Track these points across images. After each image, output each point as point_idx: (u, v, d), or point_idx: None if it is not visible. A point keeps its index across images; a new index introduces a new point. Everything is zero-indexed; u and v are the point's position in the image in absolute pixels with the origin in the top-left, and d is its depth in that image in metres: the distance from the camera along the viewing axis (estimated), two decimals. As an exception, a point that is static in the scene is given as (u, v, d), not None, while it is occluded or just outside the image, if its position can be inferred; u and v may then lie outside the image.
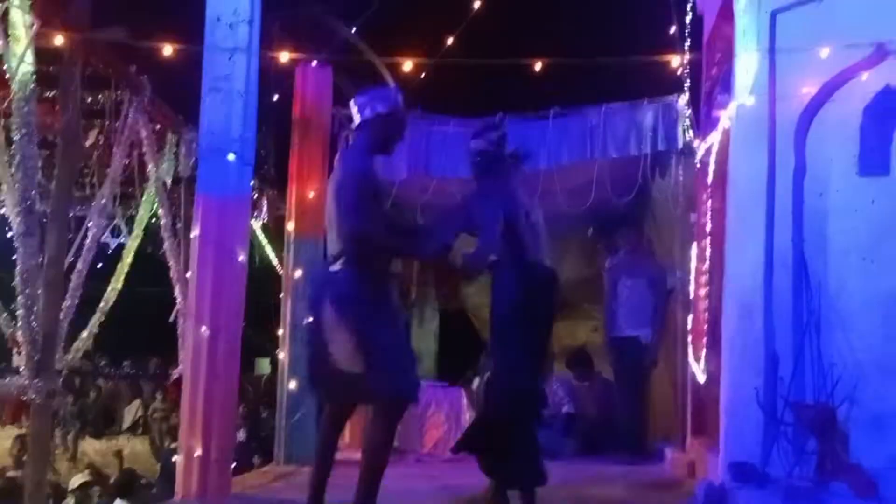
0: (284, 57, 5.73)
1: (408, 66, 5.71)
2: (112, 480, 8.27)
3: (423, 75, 6.51)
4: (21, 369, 5.30)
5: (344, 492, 3.79)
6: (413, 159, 7.04)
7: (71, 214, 6.04)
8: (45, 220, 5.61)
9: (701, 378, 5.55)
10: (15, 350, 8.72)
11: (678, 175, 6.48)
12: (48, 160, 6.65)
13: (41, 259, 5.34)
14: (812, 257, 4.20)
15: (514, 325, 4.19)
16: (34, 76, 5.18)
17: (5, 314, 5.83)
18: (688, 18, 5.97)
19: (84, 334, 6.72)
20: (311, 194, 6.43)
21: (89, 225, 6.51)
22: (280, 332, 6.46)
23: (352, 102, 3.96)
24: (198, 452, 4.51)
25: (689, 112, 6.43)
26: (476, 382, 7.29)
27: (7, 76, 5.18)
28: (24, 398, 5.64)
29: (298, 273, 6.37)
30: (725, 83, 5.05)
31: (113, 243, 9.59)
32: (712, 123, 5.41)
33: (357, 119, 3.93)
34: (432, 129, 7.08)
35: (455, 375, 8.60)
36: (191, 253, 4.98)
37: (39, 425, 5.50)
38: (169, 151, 7.23)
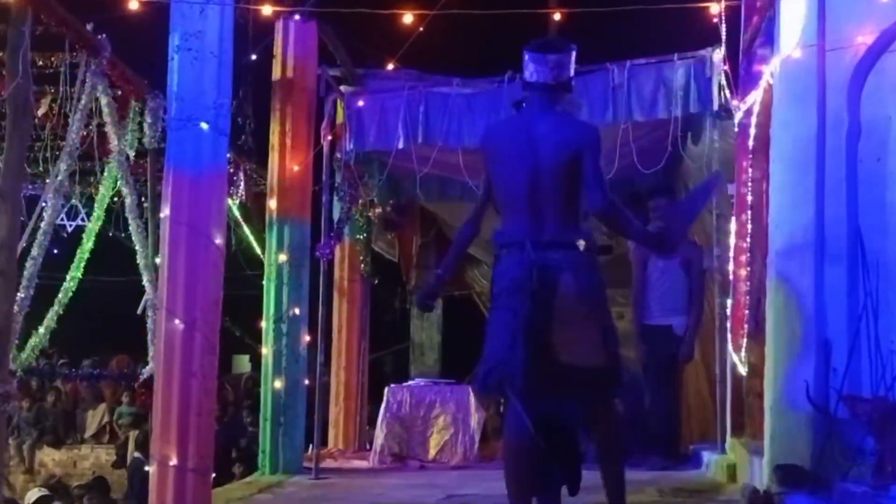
0: (265, 10, 5.71)
1: (407, 17, 5.68)
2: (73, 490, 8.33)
3: (421, 28, 6.49)
4: (-30, 370, 5.31)
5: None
6: (409, 127, 7.01)
7: (23, 194, 6.03)
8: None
9: (742, 370, 5.56)
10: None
11: (713, 140, 6.46)
12: (-5, 132, 6.65)
13: (-9, 245, 5.34)
14: (869, 231, 4.18)
15: None
16: (-23, 37, 5.16)
17: (-49, 308, 5.83)
18: (724, -40, 5.93)
19: (41, 330, 6.72)
20: (296, 168, 6.42)
21: (44, 205, 6.50)
22: (262, 324, 6.46)
23: (548, 57, 3.90)
24: (173, 461, 4.54)
25: (725, 68, 6.40)
26: None
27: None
28: (-26, 403, 5.66)
29: (283, 257, 6.37)
30: (768, 33, 5.02)
31: (70, 226, 9.60)
32: (753, 80, 5.39)
33: (557, 77, 3.93)
34: (431, 92, 7.04)
35: (462, 371, 8.59)
36: (160, 235, 4.99)
37: (-8, 433, 5.52)
38: (132, 121, 7.21)
